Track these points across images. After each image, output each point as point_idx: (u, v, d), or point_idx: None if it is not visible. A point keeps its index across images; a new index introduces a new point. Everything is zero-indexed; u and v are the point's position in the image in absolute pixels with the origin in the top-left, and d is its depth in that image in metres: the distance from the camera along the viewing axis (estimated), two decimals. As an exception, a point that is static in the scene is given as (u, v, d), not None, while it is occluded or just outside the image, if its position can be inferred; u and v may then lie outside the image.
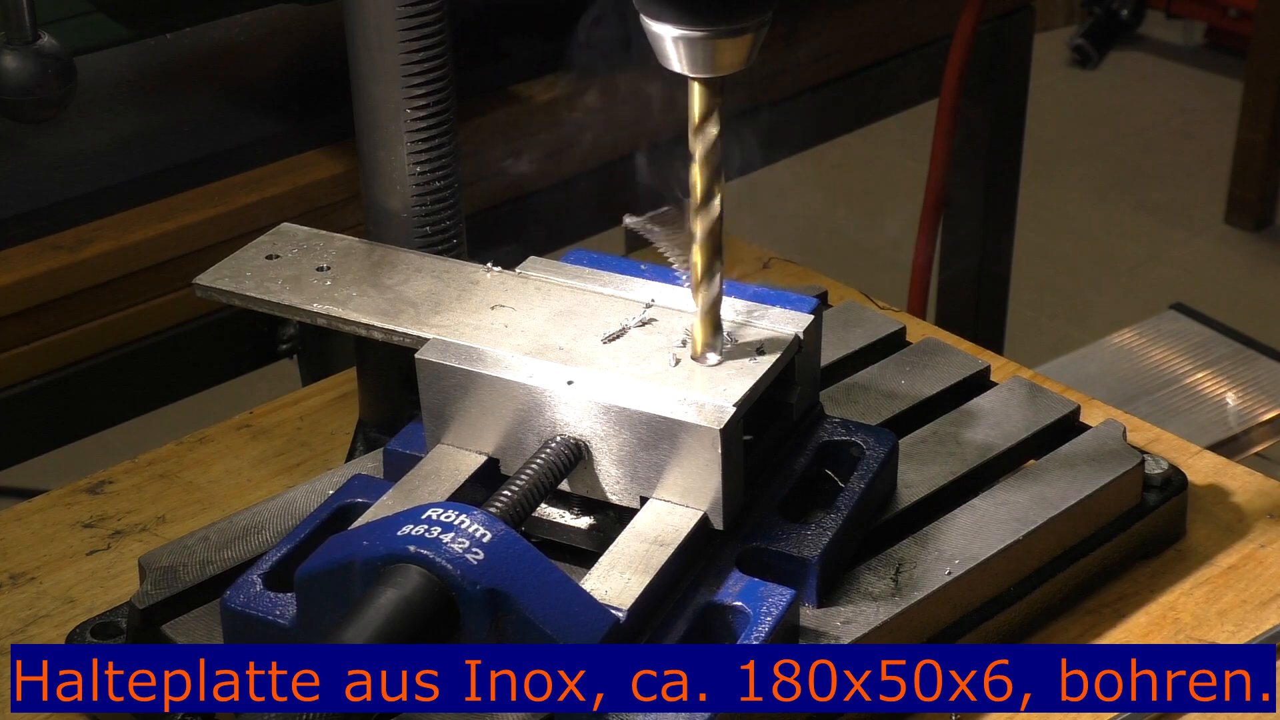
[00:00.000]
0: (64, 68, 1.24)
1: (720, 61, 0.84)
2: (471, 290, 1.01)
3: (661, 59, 0.85)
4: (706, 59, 0.84)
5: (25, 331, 1.24)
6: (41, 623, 1.02)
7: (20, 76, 1.22)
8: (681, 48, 0.84)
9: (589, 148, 1.52)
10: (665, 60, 0.85)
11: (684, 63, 0.84)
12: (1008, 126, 1.95)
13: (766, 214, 3.83)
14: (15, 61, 1.22)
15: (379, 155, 1.06)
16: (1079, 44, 4.31)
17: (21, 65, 1.22)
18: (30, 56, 1.22)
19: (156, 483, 1.14)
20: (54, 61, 1.23)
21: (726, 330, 0.94)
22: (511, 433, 0.93)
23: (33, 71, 1.22)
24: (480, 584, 0.78)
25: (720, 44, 0.84)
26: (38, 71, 1.22)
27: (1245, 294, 3.40)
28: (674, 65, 0.85)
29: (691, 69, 0.85)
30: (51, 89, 1.23)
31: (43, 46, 1.23)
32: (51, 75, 1.23)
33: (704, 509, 0.90)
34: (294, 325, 1.36)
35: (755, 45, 0.85)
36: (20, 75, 1.22)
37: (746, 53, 0.85)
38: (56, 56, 1.23)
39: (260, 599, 0.88)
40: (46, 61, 1.23)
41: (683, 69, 0.85)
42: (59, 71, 1.23)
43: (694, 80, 0.86)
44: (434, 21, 1.03)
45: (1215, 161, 3.82)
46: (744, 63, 0.85)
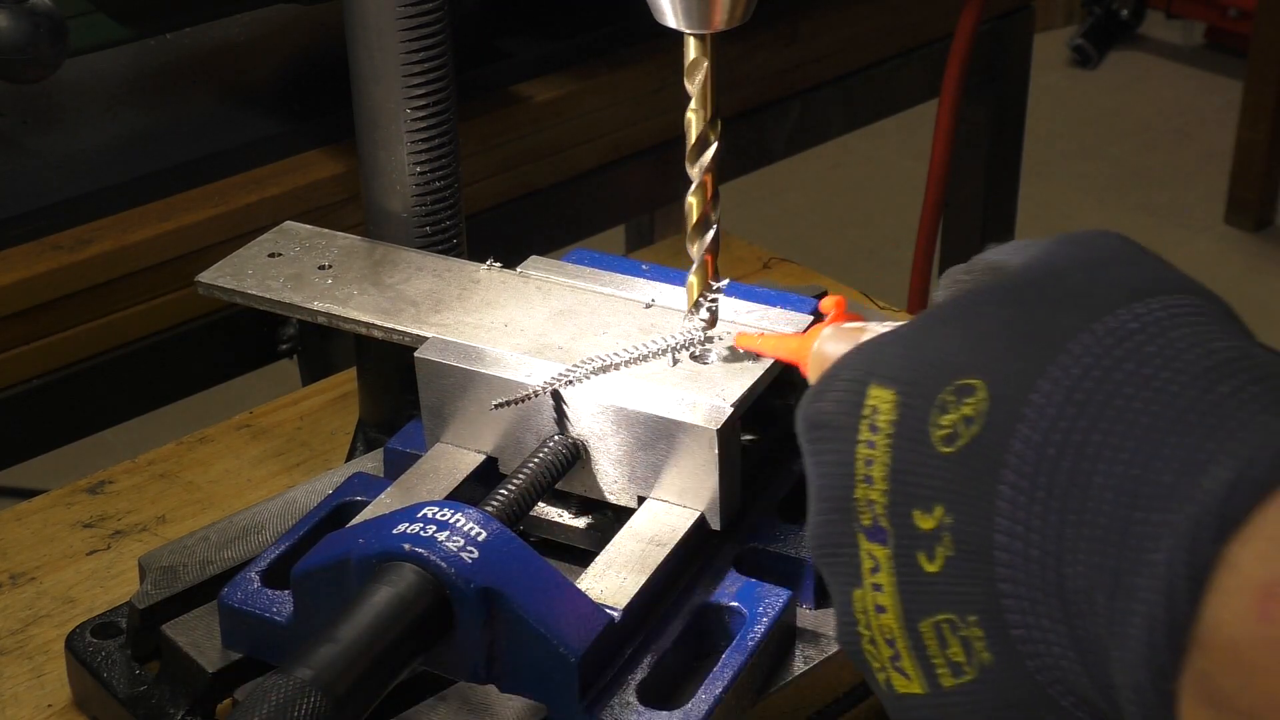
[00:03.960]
0: (55, 27, 1.23)
1: (715, 17, 0.87)
2: (472, 289, 1.01)
3: (656, 14, 0.88)
4: (703, 13, 0.86)
5: (25, 331, 1.24)
6: (41, 623, 1.02)
7: (12, 35, 1.21)
8: (677, 2, 0.86)
9: (589, 148, 1.52)
10: (660, 15, 0.87)
11: (679, 17, 0.87)
12: (1008, 126, 1.95)
13: (766, 214, 3.85)
14: (6, 20, 1.20)
15: (379, 155, 1.06)
16: (1079, 44, 4.31)
17: (13, 24, 1.21)
18: (22, 15, 1.22)
19: (156, 483, 1.14)
20: (46, 20, 1.22)
21: (726, 330, 0.95)
22: (510, 432, 0.94)
23: (25, 30, 1.21)
24: (474, 582, 0.79)
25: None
26: (30, 30, 1.21)
27: (1245, 294, 3.39)
28: (668, 20, 0.87)
29: (686, 24, 0.87)
30: (43, 48, 1.22)
31: (35, 5, 1.22)
32: (44, 34, 1.22)
33: (701, 509, 0.90)
34: (294, 325, 1.36)
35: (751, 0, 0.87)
36: (12, 34, 1.21)
37: (744, 7, 0.87)
38: (49, 15, 1.22)
39: (257, 596, 0.88)
40: (39, 20, 1.22)
41: (677, 24, 0.87)
42: (51, 30, 1.22)
43: (688, 35, 0.88)
44: (434, 21, 1.03)
45: (1215, 161, 3.82)
46: (741, 17, 0.87)
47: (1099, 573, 0.55)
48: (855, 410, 0.64)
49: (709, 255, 0.92)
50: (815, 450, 0.66)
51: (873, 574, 0.63)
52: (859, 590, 0.64)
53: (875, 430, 0.63)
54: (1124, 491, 0.54)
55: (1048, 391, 0.58)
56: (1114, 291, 0.60)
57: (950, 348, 0.62)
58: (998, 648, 0.59)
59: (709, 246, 0.92)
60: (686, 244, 0.92)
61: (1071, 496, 0.56)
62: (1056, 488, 0.57)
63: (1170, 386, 0.55)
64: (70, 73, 1.37)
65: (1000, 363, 0.60)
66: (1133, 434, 0.55)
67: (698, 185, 0.91)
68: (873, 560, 0.63)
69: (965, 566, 0.60)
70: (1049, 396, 0.58)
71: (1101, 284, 0.60)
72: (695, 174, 0.91)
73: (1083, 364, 0.58)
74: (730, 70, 1.57)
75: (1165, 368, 0.56)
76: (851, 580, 0.64)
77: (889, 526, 0.62)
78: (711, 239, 0.92)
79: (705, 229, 0.92)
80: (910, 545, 0.61)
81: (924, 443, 0.61)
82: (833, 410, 0.65)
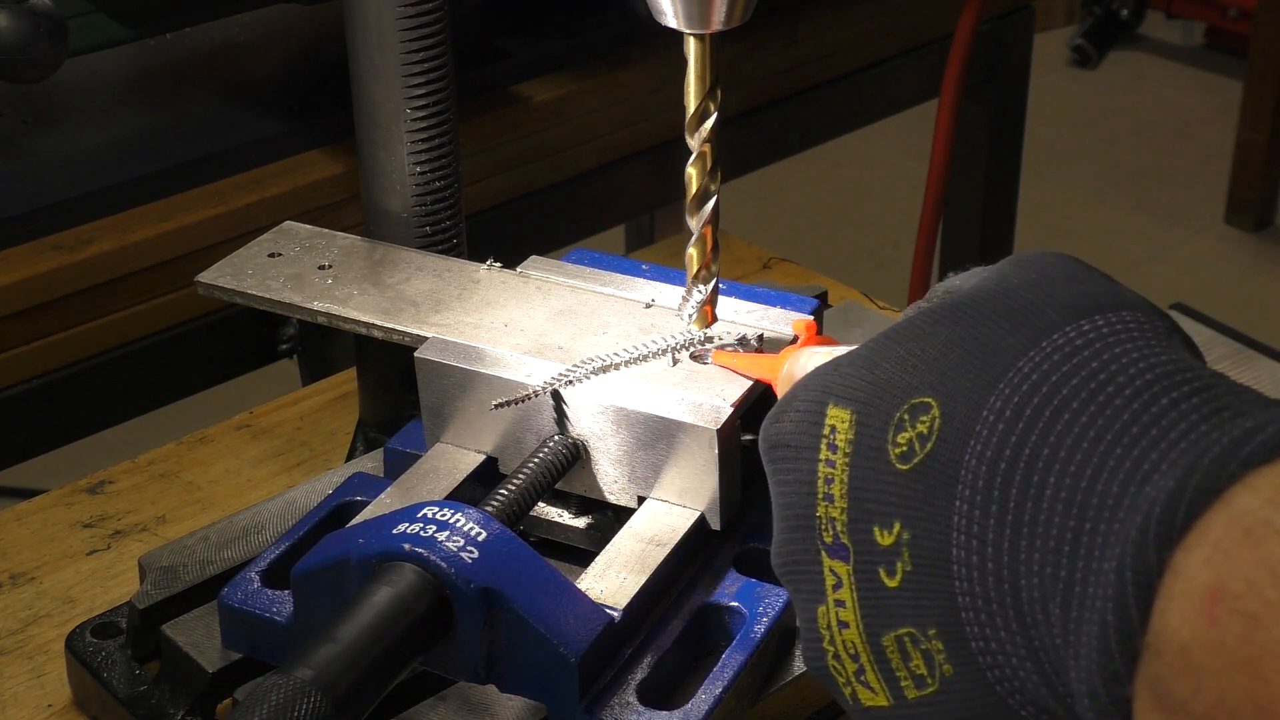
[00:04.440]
0: (55, 27, 1.22)
1: (715, 16, 0.86)
2: (472, 289, 1.01)
3: (655, 14, 0.87)
4: (702, 14, 0.86)
5: (25, 331, 1.24)
6: (41, 623, 1.02)
7: (11, 35, 1.21)
8: (678, 2, 0.86)
9: (589, 148, 1.52)
10: (660, 15, 0.87)
11: (680, 18, 0.86)
12: (1008, 126, 1.95)
13: (766, 214, 3.85)
14: (6, 20, 1.20)
15: (379, 155, 1.06)
16: (1079, 44, 4.31)
17: (13, 24, 1.21)
18: (22, 15, 1.21)
19: (156, 483, 1.14)
20: (46, 20, 1.22)
21: (725, 330, 0.95)
22: (510, 432, 0.94)
23: (24, 30, 1.21)
24: (474, 582, 0.79)
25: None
26: (29, 30, 1.21)
27: (1245, 294, 3.40)
28: (668, 20, 0.87)
29: (686, 24, 0.87)
30: (43, 48, 1.22)
31: (35, 5, 1.22)
32: (43, 34, 1.22)
33: (701, 509, 0.90)
34: (294, 325, 1.36)
35: (750, 1, 0.87)
36: (11, 34, 1.21)
37: (742, 8, 0.86)
38: (48, 15, 1.22)
39: (257, 596, 0.88)
40: (39, 20, 1.22)
41: (677, 24, 0.87)
42: (51, 30, 1.22)
43: (689, 35, 0.88)
44: (434, 21, 1.03)
45: (1215, 161, 3.82)
46: (740, 18, 0.87)
47: (1052, 583, 0.56)
48: (815, 430, 0.65)
49: (708, 228, 0.92)
50: (777, 470, 0.68)
51: (835, 590, 0.64)
52: (823, 607, 0.65)
53: (834, 449, 0.64)
54: (1073, 503, 0.56)
55: (998, 408, 0.59)
56: (1060, 310, 0.61)
57: (905, 368, 0.63)
58: (958, 660, 0.61)
59: (708, 219, 0.92)
60: (685, 216, 0.92)
61: (1023, 509, 0.57)
62: (1009, 501, 0.58)
63: (1115, 400, 0.57)
64: (70, 73, 1.37)
65: (952, 381, 0.61)
66: (1080, 447, 0.56)
67: (697, 156, 0.90)
68: (835, 577, 0.64)
69: (924, 580, 0.61)
70: (999, 413, 0.59)
71: (1048, 303, 0.62)
72: (695, 144, 0.90)
73: (1031, 381, 0.59)
74: (730, 70, 1.57)
75: (1110, 382, 0.57)
76: (815, 597, 0.66)
77: (849, 543, 0.64)
78: (711, 211, 0.91)
79: (704, 201, 0.91)
80: (871, 561, 0.63)
81: (881, 460, 0.62)
82: (793, 430, 0.67)
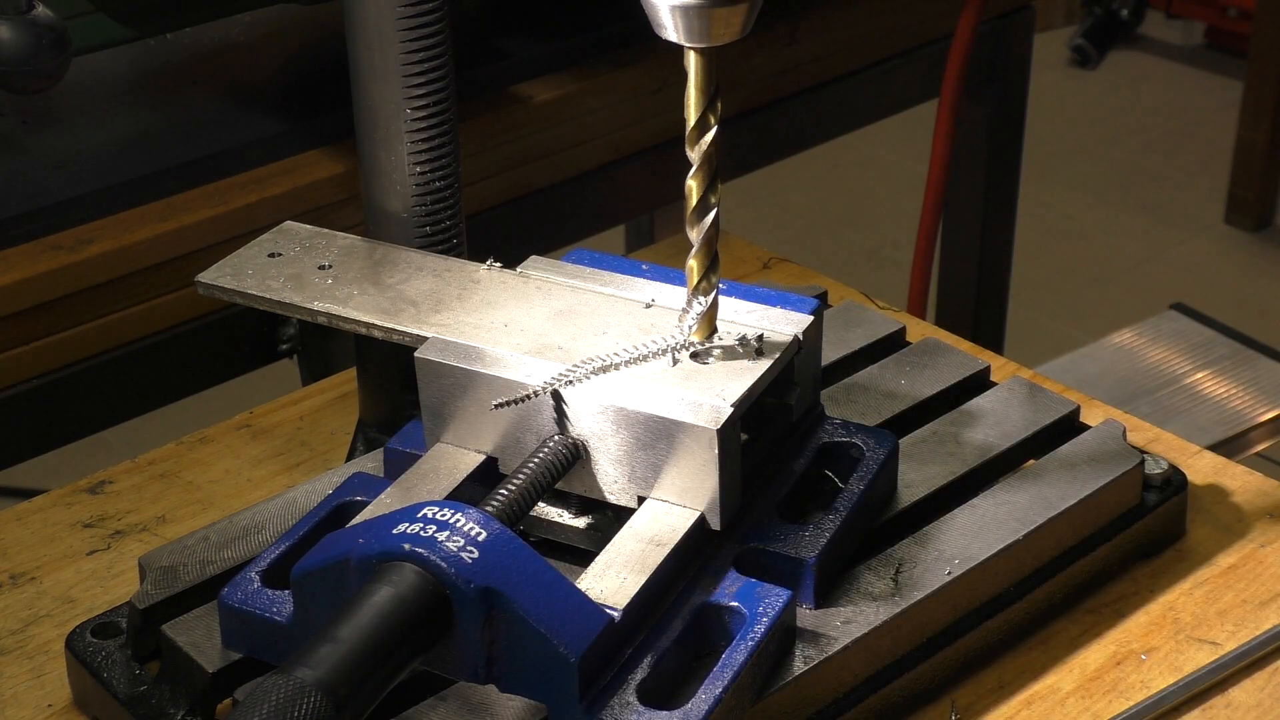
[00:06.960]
0: (58, 38, 1.22)
1: (716, 31, 0.86)
2: (472, 289, 1.01)
3: (657, 28, 0.87)
4: (703, 28, 0.86)
5: (25, 331, 1.24)
6: (41, 623, 1.02)
7: (14, 47, 1.20)
8: (678, 17, 0.86)
9: (589, 148, 1.52)
10: (660, 30, 0.87)
11: (680, 32, 0.86)
12: (1008, 126, 1.94)
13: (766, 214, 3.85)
14: (9, 31, 1.20)
15: (379, 155, 1.06)
16: (1079, 44, 4.31)
17: (15, 35, 1.20)
18: (25, 26, 1.21)
19: (156, 483, 1.14)
20: (48, 32, 1.22)
21: (725, 330, 0.94)
22: (510, 431, 0.93)
23: (27, 42, 1.21)
24: (474, 582, 0.78)
25: (715, 13, 0.85)
26: (32, 42, 1.21)
27: (1245, 294, 3.40)
28: (669, 34, 0.87)
29: (687, 38, 0.87)
30: (46, 59, 1.22)
31: (37, 16, 1.22)
32: (46, 45, 1.21)
33: (701, 509, 0.90)
34: (294, 325, 1.36)
35: (751, 14, 0.87)
36: (14, 46, 1.20)
37: (742, 22, 0.86)
38: (51, 27, 1.22)
39: (257, 596, 0.88)
40: (41, 31, 1.21)
41: (679, 38, 0.87)
42: (53, 42, 1.22)
43: (689, 50, 0.88)
44: (434, 21, 1.03)
45: (1215, 161, 3.82)
46: (740, 32, 0.87)
47: None
48: None
49: (708, 239, 0.92)
50: None
51: None
52: None
53: None
54: None
55: None
56: None
57: None
58: None
59: (708, 230, 0.92)
60: (686, 228, 0.92)
61: None
62: None
63: None
64: (70, 73, 1.37)
65: None
66: None
67: (697, 168, 0.90)
68: None
69: None
70: None
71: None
72: (695, 157, 0.90)
73: None
74: (730, 70, 1.57)
75: None
76: None
77: None
78: (711, 223, 0.91)
79: (705, 213, 0.91)
80: None
81: None
82: None
